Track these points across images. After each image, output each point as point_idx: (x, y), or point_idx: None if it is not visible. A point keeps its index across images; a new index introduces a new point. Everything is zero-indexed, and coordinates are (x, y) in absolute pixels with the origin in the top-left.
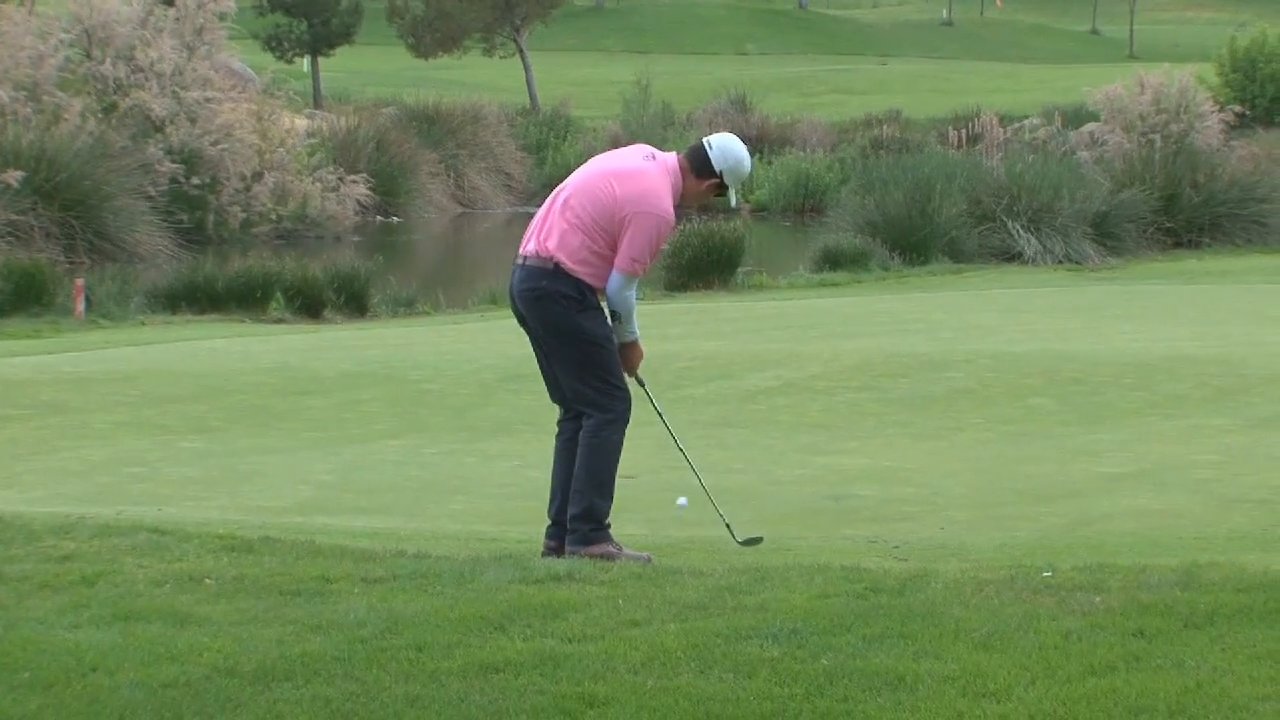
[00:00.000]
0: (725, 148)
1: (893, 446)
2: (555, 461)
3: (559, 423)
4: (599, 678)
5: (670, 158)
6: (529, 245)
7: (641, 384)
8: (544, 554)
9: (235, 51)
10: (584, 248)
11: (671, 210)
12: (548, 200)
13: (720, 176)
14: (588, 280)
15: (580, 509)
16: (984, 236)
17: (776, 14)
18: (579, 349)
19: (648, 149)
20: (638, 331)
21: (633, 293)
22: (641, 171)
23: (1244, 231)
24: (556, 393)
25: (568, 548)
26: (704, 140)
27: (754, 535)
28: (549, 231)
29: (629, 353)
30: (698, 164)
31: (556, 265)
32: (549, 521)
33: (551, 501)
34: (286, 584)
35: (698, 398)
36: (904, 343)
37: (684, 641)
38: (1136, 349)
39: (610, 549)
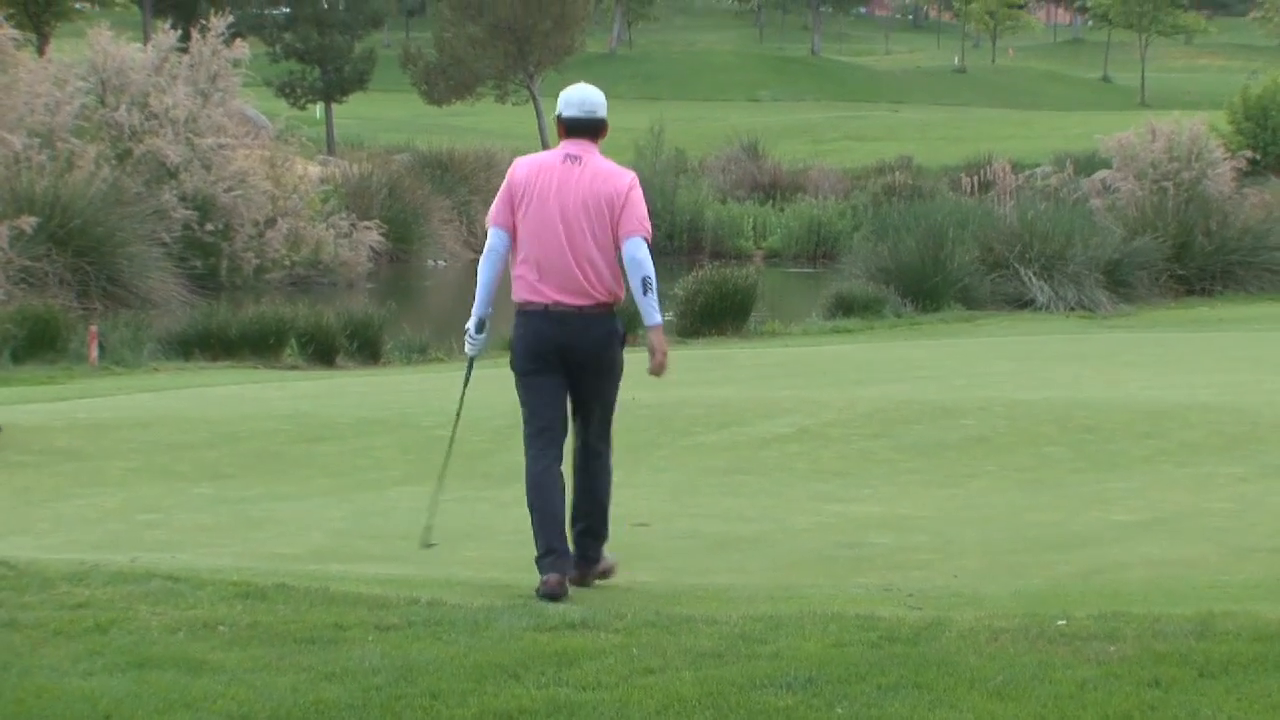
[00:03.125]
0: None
1: (906, 494)
2: (553, 491)
3: (536, 454)
4: None
5: (579, 145)
6: (562, 293)
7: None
8: (546, 591)
9: (249, 98)
10: (612, 264)
11: None
12: (523, 246)
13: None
14: (621, 296)
15: (605, 532)
16: (997, 284)
17: (789, 61)
18: (616, 385)
19: (559, 151)
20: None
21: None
22: (594, 155)
23: (1257, 279)
24: (556, 428)
25: (587, 556)
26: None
27: (431, 542)
28: (588, 272)
29: (658, 341)
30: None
31: (613, 305)
32: (547, 552)
33: (554, 530)
34: (300, 631)
35: (710, 445)
36: (917, 390)
37: (699, 690)
38: (1149, 397)
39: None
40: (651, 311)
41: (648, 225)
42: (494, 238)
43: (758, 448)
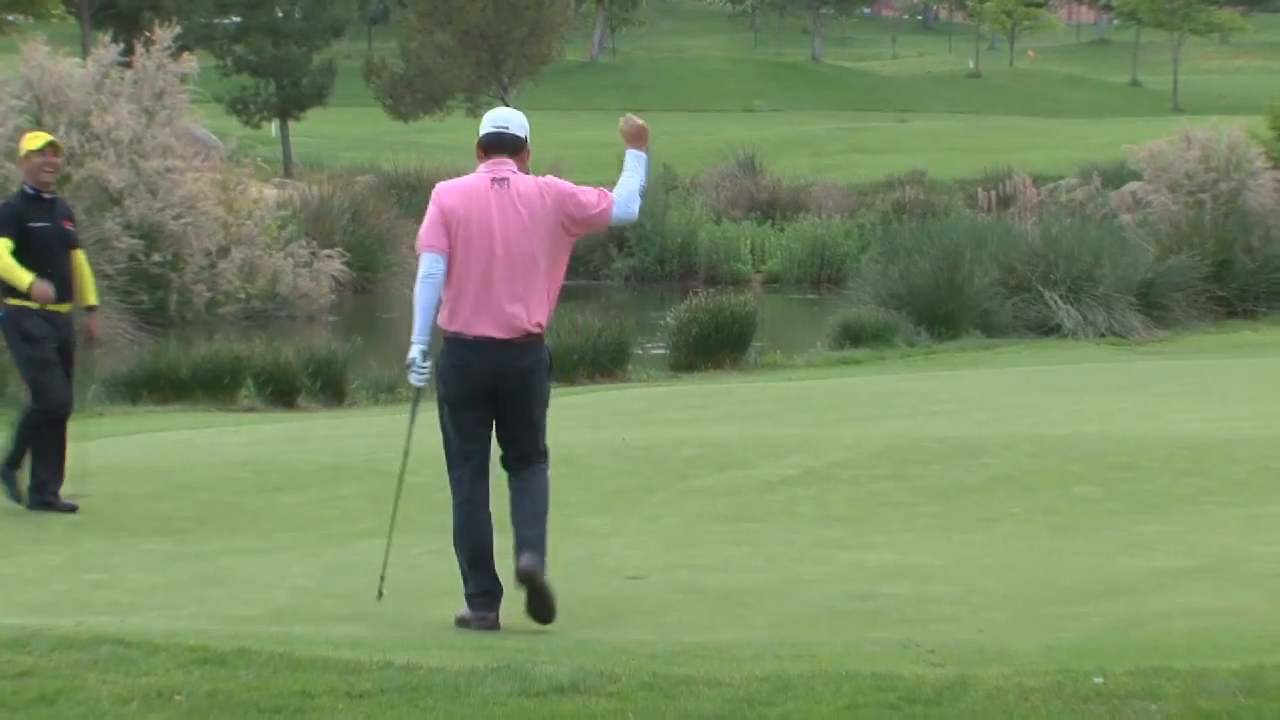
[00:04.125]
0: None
1: (923, 540)
2: (486, 527)
3: (466, 486)
4: None
5: (500, 164)
6: (494, 328)
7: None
8: (485, 626)
9: (198, 117)
10: (543, 289)
11: None
12: (459, 276)
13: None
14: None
15: (544, 542)
16: (1019, 308)
17: (787, 68)
18: (545, 409)
19: (483, 175)
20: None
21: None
22: (515, 174)
23: None
24: (485, 458)
25: (531, 561)
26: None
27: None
28: (515, 302)
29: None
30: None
31: (541, 334)
32: (481, 594)
33: (486, 566)
34: (264, 700)
35: (709, 489)
36: (933, 426)
37: None
38: (1189, 430)
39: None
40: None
41: (598, 190)
42: (432, 264)
43: (761, 491)
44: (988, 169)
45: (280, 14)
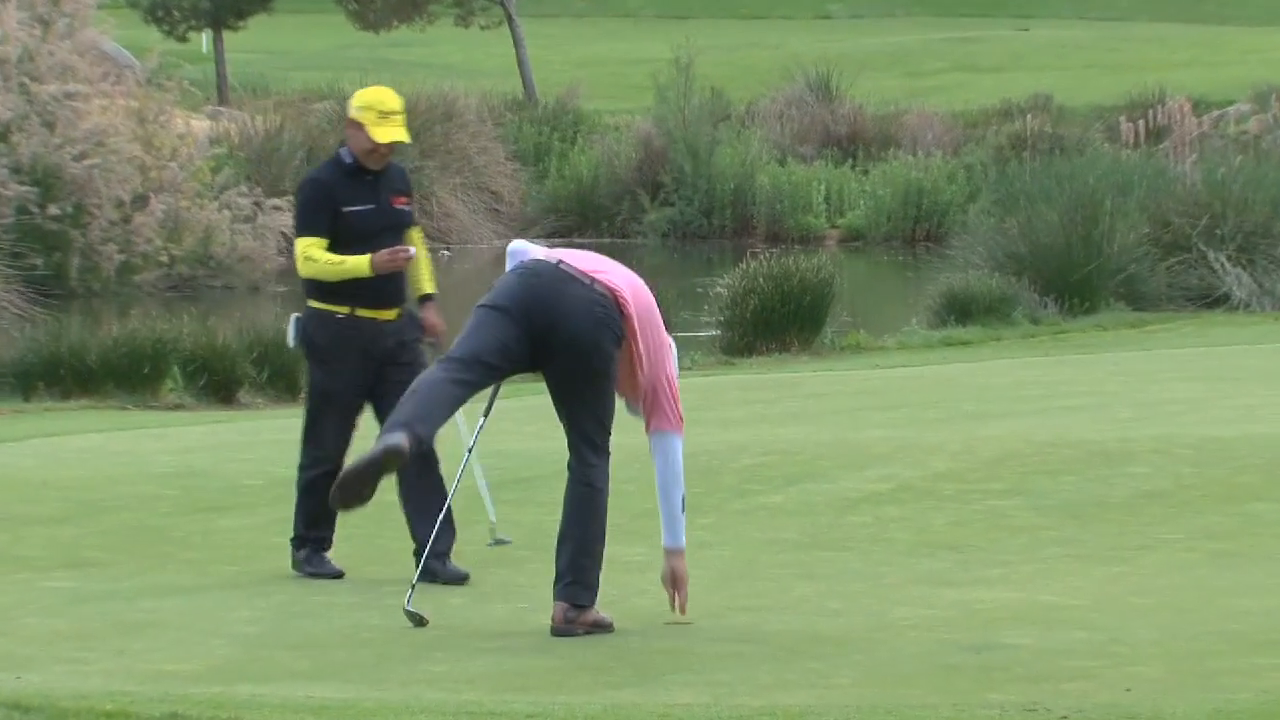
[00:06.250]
0: None
1: (1053, 574)
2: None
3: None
4: None
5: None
6: (586, 268)
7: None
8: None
9: (107, 27)
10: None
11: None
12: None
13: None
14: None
15: (593, 573)
16: (1175, 273)
17: None
18: (612, 386)
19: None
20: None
21: None
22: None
23: None
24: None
25: (563, 618)
26: None
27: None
28: (615, 273)
29: (679, 565)
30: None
31: (622, 309)
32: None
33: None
34: None
35: (774, 508)
36: (1065, 426)
37: None
38: None
39: (602, 617)
40: (677, 533)
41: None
42: None
43: (841, 511)
44: (1133, 92)
45: None
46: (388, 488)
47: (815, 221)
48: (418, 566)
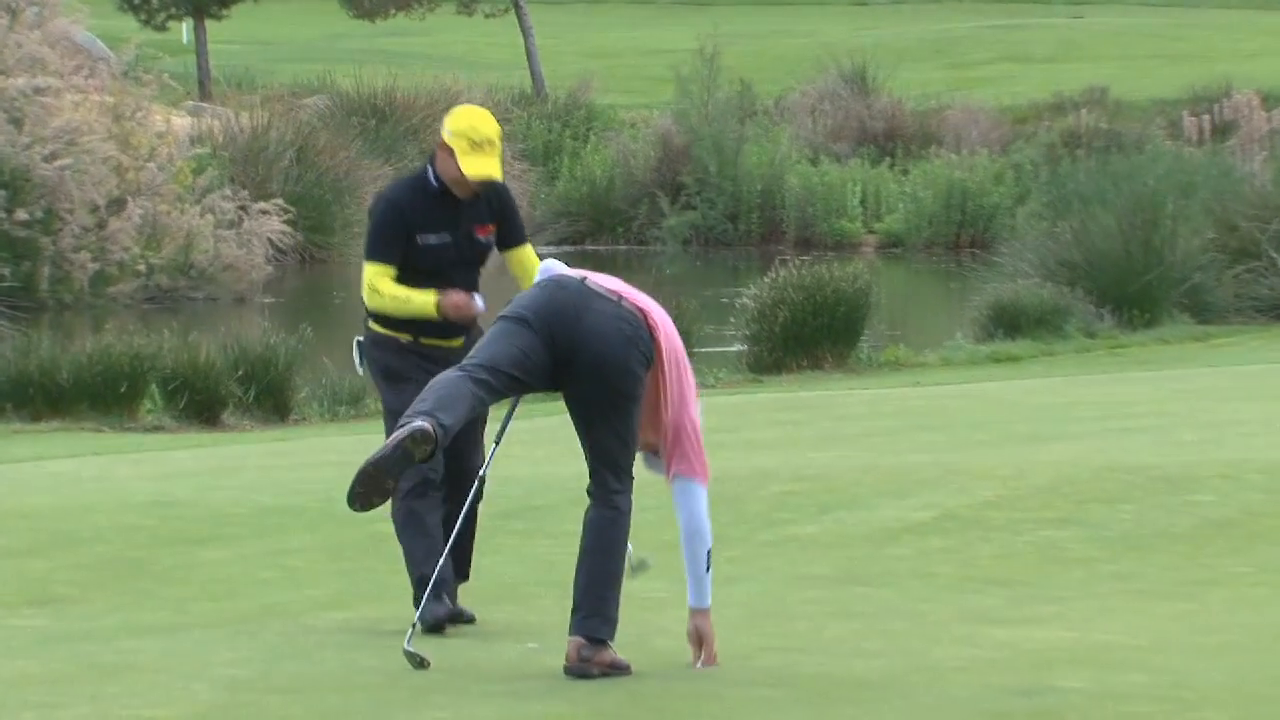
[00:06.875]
0: None
1: (1111, 611)
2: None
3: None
4: None
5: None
6: (613, 287)
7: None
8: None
9: (79, 16)
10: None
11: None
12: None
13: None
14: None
15: (612, 606)
16: (1243, 282)
17: None
18: (638, 409)
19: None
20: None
21: None
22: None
23: None
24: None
25: (578, 656)
26: None
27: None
28: (642, 296)
29: (704, 625)
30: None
31: (651, 331)
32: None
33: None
34: None
35: (806, 539)
36: (1123, 449)
37: None
38: None
39: (620, 659)
40: (702, 592)
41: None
42: None
43: (880, 543)
44: (1197, 84)
45: None
46: (381, 516)
47: (850, 226)
48: (419, 602)
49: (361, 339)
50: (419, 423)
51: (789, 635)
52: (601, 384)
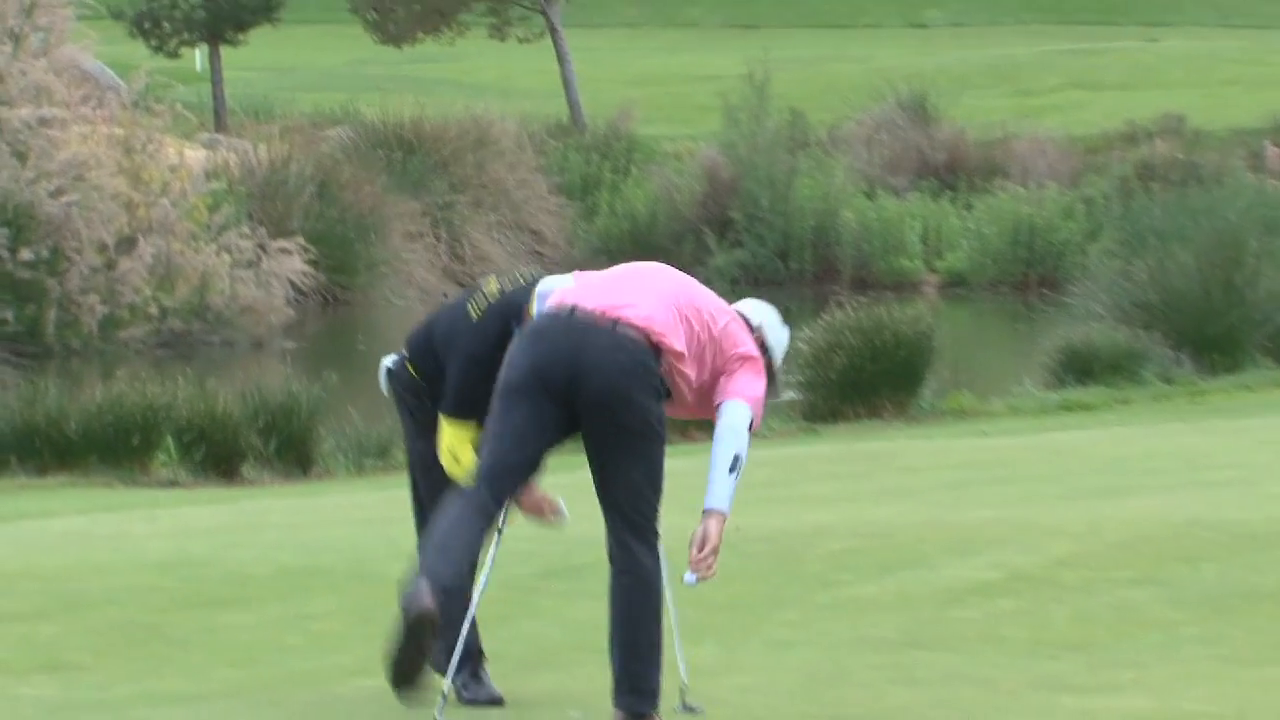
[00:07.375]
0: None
1: (1194, 678)
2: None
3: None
4: None
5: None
6: (605, 307)
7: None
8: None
9: (88, 42)
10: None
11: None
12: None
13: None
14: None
15: (650, 678)
16: None
17: None
18: (658, 450)
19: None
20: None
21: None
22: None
23: None
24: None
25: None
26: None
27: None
28: (643, 303)
29: (714, 528)
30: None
31: (658, 346)
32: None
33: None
34: None
35: (866, 600)
36: (1206, 504)
37: None
38: None
39: None
40: (721, 493)
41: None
42: None
43: (944, 605)
44: (1279, 112)
45: None
46: None
47: (910, 264)
48: (448, 672)
49: (392, 366)
50: (420, 602)
51: (848, 703)
52: (606, 422)
